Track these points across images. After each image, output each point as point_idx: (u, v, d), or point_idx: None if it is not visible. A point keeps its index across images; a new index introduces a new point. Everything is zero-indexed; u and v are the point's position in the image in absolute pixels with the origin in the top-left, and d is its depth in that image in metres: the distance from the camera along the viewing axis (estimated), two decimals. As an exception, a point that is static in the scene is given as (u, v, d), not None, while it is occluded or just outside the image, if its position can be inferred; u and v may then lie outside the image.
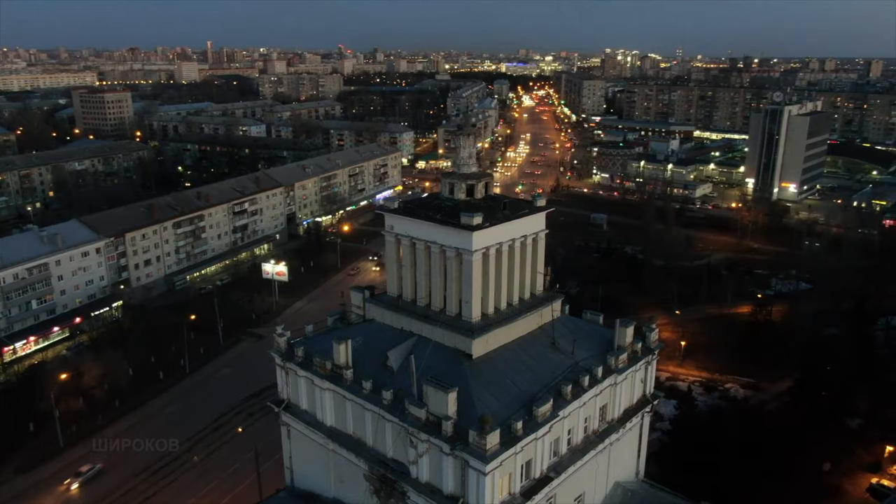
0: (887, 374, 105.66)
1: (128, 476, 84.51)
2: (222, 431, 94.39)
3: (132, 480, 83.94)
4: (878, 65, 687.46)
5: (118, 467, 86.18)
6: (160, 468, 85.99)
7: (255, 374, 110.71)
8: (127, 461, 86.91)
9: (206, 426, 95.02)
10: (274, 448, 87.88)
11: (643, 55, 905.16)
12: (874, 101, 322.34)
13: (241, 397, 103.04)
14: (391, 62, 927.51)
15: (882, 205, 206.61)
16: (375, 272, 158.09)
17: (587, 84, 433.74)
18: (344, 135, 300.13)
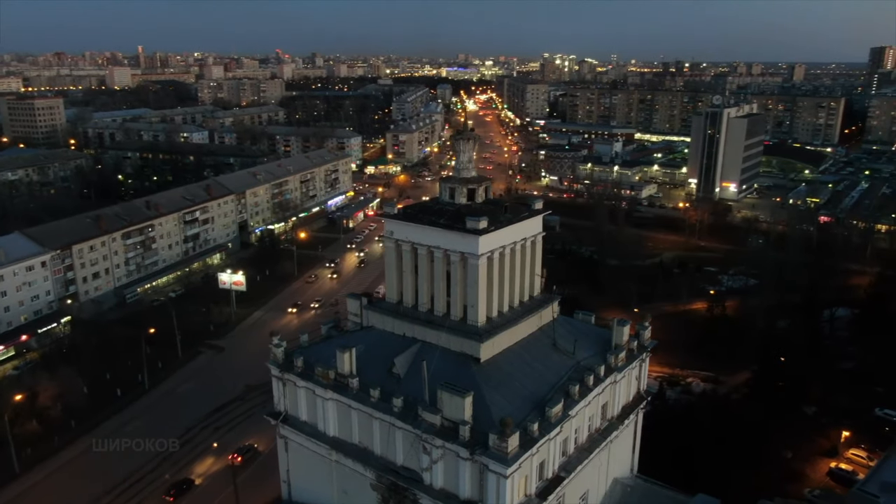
0: (836, 363, 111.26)
1: (98, 494, 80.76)
2: (190, 447, 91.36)
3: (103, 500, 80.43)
4: (800, 69, 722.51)
5: (85, 488, 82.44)
6: (129, 487, 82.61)
7: (218, 387, 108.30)
8: (94, 482, 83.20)
9: (173, 443, 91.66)
10: (248, 461, 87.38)
11: (580, 60, 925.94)
12: (802, 103, 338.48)
13: (206, 411, 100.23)
14: (331, 67, 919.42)
15: (816, 202, 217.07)
16: (333, 279, 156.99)
17: (530, 88, 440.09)
18: (290, 141, 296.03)
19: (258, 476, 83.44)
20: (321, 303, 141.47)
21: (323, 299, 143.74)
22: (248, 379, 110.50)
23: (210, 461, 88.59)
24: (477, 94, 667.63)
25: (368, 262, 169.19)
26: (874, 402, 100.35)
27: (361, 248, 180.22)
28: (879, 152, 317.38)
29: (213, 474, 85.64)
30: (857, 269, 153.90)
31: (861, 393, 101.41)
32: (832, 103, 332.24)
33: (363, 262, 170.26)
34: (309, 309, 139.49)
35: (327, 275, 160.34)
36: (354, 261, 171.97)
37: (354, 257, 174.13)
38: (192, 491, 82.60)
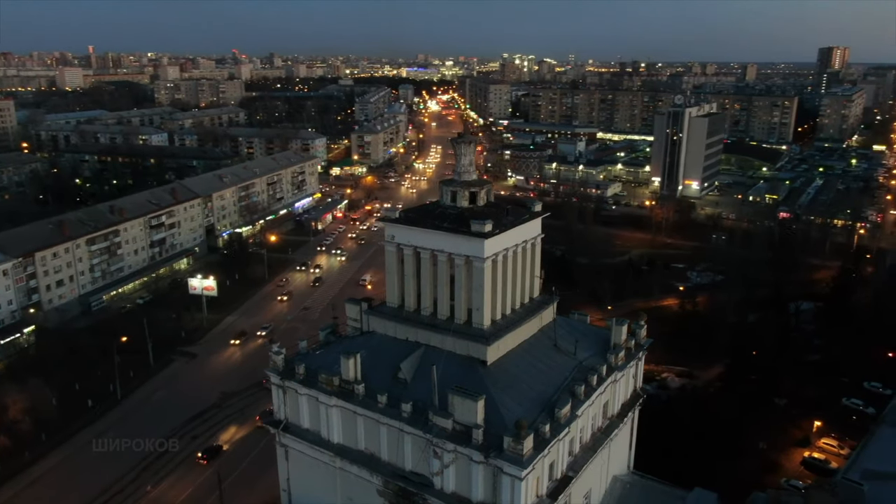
0: (802, 355, 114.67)
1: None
2: (169, 457, 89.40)
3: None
4: (752, 68, 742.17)
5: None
6: (109, 499, 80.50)
7: (193, 395, 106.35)
8: (68, 496, 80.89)
9: (150, 453, 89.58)
10: (230, 467, 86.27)
11: (540, 60, 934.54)
12: (758, 102, 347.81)
13: (181, 419, 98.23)
14: (290, 67, 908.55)
15: (775, 198, 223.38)
16: (283, 301, 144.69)
17: (493, 88, 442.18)
18: (253, 142, 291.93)
19: (245, 482, 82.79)
20: (269, 329, 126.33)
21: (272, 325, 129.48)
22: (223, 386, 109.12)
23: (189, 470, 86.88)
24: (439, 94, 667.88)
25: (324, 280, 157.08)
26: (840, 392, 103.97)
27: (333, 249, 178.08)
28: (831, 150, 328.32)
29: (197, 483, 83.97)
30: (818, 264, 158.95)
31: (828, 383, 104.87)
32: (786, 102, 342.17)
33: (318, 280, 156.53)
34: (255, 338, 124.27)
35: (299, 277, 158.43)
36: (307, 279, 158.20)
37: (311, 273, 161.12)
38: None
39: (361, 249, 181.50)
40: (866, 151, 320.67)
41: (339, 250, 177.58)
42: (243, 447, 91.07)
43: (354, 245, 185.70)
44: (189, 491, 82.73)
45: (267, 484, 74.52)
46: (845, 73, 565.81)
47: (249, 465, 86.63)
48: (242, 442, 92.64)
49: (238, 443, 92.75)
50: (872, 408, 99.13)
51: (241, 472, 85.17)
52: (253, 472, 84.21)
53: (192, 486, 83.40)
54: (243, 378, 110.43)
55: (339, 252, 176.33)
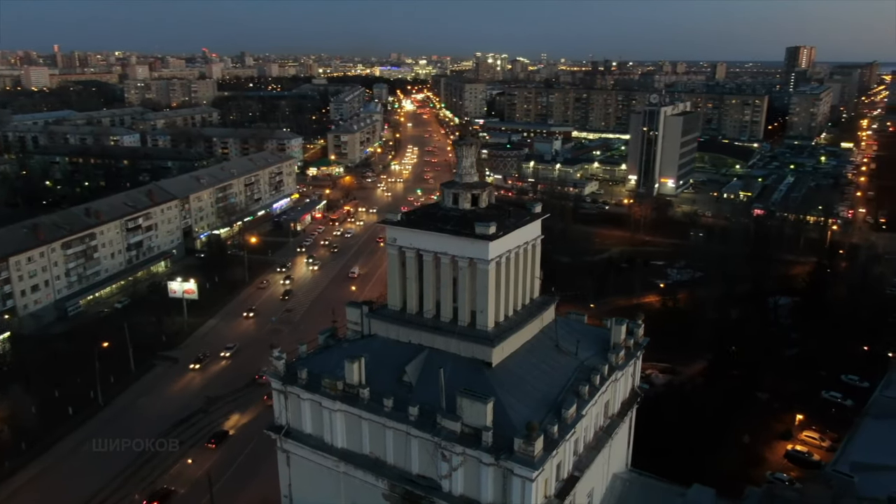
0: (782, 349, 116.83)
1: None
2: (154, 464, 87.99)
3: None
4: (722, 67, 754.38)
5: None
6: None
7: (177, 400, 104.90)
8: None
9: (135, 460, 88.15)
10: (222, 471, 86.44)
11: (513, 59, 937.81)
12: (729, 101, 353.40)
13: (166, 426, 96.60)
14: (262, 66, 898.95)
15: (749, 195, 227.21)
16: (249, 318, 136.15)
17: (468, 87, 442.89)
18: (228, 143, 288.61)
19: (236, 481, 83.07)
20: (234, 349, 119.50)
21: (237, 344, 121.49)
22: (208, 390, 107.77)
23: (179, 475, 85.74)
24: (413, 93, 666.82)
25: (295, 293, 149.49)
26: (819, 385, 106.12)
27: (308, 258, 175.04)
28: (801, 147, 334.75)
29: (189, 486, 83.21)
30: (793, 260, 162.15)
31: (807, 377, 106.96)
32: (757, 101, 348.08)
33: (288, 293, 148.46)
34: (218, 359, 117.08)
35: (279, 280, 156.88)
36: (279, 290, 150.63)
37: (279, 284, 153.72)
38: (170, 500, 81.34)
39: (335, 257, 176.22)
40: (835, 149, 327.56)
41: (313, 258, 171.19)
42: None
43: (328, 253, 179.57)
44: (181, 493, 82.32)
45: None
46: (812, 72, 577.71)
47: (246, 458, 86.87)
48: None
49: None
50: (851, 400, 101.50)
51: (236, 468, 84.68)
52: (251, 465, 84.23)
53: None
54: (228, 382, 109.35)
55: (312, 261, 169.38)
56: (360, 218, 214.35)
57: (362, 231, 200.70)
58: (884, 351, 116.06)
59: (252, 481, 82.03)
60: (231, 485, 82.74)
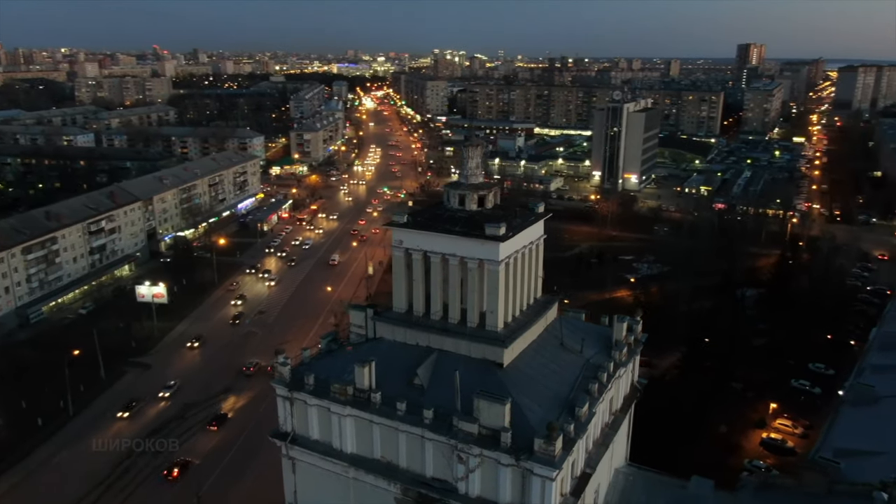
0: (751, 340, 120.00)
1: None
2: (132, 475, 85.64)
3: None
4: (676, 64, 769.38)
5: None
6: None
7: (151, 408, 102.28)
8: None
9: (112, 471, 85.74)
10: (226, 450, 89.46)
11: (471, 56, 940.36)
12: (687, 97, 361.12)
13: (143, 433, 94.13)
14: (216, 64, 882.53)
15: (709, 190, 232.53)
16: (194, 348, 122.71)
17: (430, 85, 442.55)
18: (188, 142, 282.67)
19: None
20: (175, 387, 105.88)
21: (177, 382, 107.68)
22: (182, 396, 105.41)
23: (159, 483, 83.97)
24: (373, 90, 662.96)
25: (246, 314, 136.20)
26: (788, 374, 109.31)
27: (264, 273, 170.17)
28: (756, 142, 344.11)
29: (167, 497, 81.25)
30: (756, 252, 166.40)
31: (776, 366, 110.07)
32: (713, 97, 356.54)
33: (239, 316, 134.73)
34: (156, 401, 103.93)
35: (249, 281, 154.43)
36: (229, 313, 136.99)
37: (230, 308, 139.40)
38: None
39: (292, 271, 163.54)
40: (787, 143, 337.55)
41: (268, 274, 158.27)
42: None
43: (284, 266, 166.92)
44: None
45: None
46: (763, 69, 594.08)
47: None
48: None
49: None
50: (819, 388, 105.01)
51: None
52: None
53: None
54: (204, 387, 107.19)
55: (266, 276, 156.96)
56: (319, 225, 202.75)
57: (322, 240, 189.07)
58: (846, 339, 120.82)
59: (253, 461, 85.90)
60: (236, 462, 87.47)
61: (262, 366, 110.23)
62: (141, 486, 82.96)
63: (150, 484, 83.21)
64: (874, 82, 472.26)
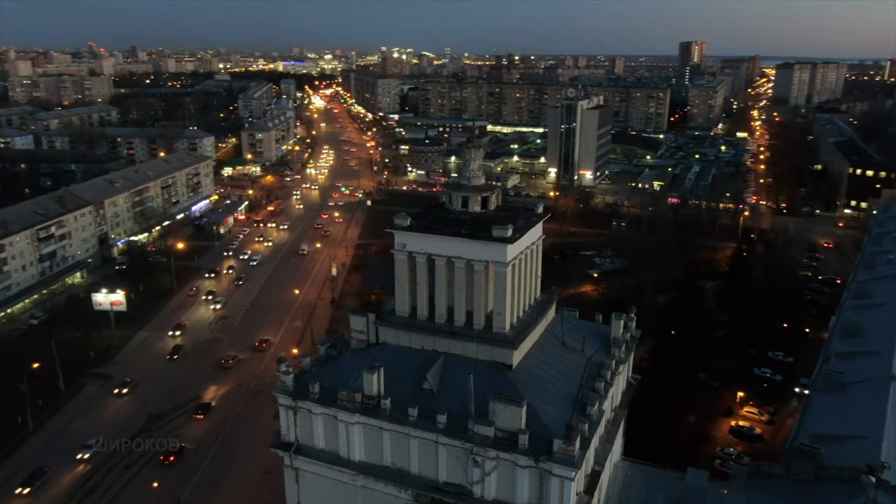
0: (713, 331, 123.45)
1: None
2: (101, 492, 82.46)
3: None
4: (620, 61, 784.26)
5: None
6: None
7: (117, 420, 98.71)
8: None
9: (79, 488, 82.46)
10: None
11: (419, 53, 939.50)
12: (635, 94, 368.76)
13: (109, 448, 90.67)
14: (157, 62, 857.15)
15: (662, 185, 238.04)
16: (123, 394, 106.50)
17: (381, 83, 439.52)
18: (134, 143, 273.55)
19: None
20: (95, 447, 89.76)
21: (101, 438, 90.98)
22: (148, 407, 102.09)
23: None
24: (321, 88, 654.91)
25: (184, 348, 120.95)
26: (751, 362, 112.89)
27: (238, 254, 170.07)
28: (702, 137, 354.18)
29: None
30: (711, 245, 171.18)
31: (738, 356, 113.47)
32: (660, 94, 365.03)
33: (177, 350, 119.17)
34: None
35: (208, 286, 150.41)
36: (168, 346, 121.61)
37: (169, 341, 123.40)
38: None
39: (239, 291, 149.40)
40: (732, 139, 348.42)
41: (213, 297, 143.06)
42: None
43: (232, 286, 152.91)
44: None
45: None
46: (705, 66, 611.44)
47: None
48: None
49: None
50: (780, 375, 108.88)
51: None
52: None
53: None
54: (170, 397, 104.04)
55: (212, 297, 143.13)
56: (269, 236, 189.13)
57: (271, 255, 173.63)
58: (802, 327, 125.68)
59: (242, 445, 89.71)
60: (227, 447, 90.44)
61: (240, 359, 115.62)
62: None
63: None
64: (809, 79, 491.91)
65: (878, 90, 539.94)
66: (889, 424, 61.73)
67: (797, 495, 49.64)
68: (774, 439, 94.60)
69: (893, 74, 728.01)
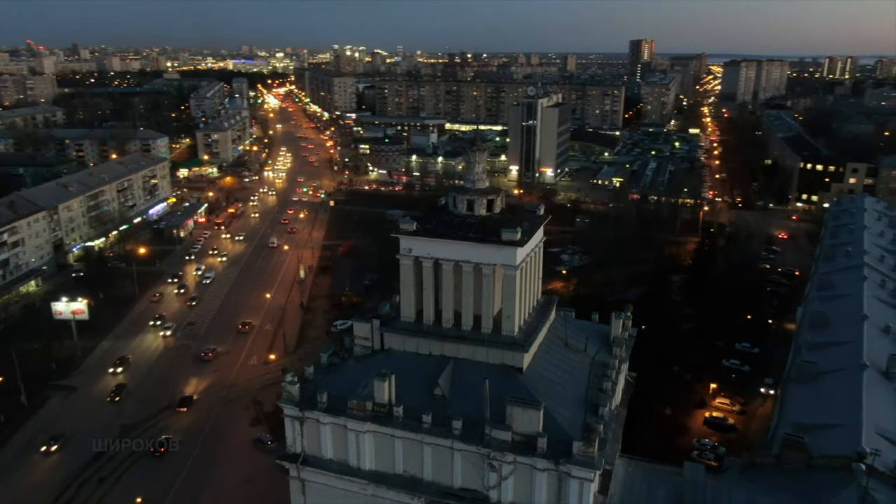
0: (680, 324, 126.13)
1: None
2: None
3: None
4: (572, 59, 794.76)
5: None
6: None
7: (88, 433, 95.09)
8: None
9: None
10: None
11: (371, 51, 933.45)
12: (591, 92, 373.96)
13: (81, 462, 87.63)
14: (101, 60, 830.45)
15: (621, 181, 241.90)
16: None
17: (337, 81, 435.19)
18: (84, 145, 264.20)
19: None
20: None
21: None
22: (119, 418, 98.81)
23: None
24: (274, 87, 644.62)
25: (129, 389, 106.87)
26: (719, 354, 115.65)
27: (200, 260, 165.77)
28: (656, 134, 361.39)
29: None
30: (673, 239, 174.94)
31: (707, 348, 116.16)
32: (615, 91, 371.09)
33: (120, 390, 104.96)
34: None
35: (172, 291, 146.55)
36: (110, 383, 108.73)
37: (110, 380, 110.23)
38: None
39: (191, 312, 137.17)
40: (684, 135, 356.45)
41: (161, 319, 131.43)
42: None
43: (183, 306, 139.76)
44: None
45: None
46: (656, 64, 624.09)
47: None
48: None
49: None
50: (748, 366, 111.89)
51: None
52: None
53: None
54: (141, 405, 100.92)
55: (161, 322, 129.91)
56: (224, 249, 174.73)
57: (225, 272, 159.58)
58: (764, 318, 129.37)
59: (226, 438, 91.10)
60: (205, 457, 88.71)
61: (219, 352, 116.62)
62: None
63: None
64: (755, 76, 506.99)
65: (819, 86, 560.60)
66: (866, 412, 64.01)
67: (790, 485, 50.96)
68: (747, 429, 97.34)
69: (831, 71, 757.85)
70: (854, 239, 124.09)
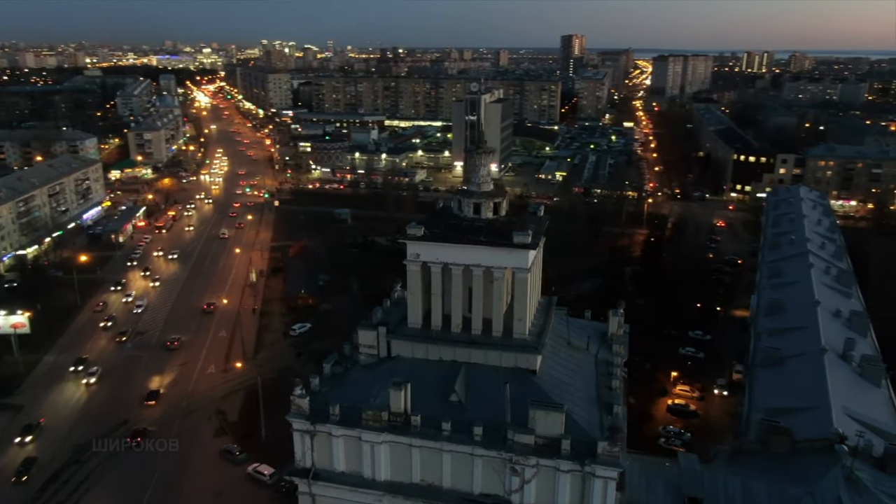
0: (638, 314, 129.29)
1: None
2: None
3: None
4: (504, 54, 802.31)
5: None
6: None
7: (38, 455, 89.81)
8: None
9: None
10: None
11: (301, 46, 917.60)
12: (529, 87, 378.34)
13: (35, 486, 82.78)
14: (12, 56, 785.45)
15: (564, 175, 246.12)
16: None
17: (272, 78, 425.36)
18: (4, 147, 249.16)
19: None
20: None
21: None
22: (72, 437, 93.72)
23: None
24: (203, 84, 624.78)
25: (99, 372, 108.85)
26: (674, 343, 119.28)
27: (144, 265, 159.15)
28: (592, 128, 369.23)
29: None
30: (619, 232, 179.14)
31: (662, 337, 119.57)
32: (552, 87, 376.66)
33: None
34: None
35: (118, 300, 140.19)
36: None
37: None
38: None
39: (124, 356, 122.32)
40: (620, 128, 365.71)
41: (84, 363, 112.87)
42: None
43: (110, 344, 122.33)
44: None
45: None
46: (587, 59, 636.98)
47: None
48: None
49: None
50: (702, 353, 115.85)
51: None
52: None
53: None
54: (96, 426, 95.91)
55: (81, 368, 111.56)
56: (158, 270, 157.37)
57: (160, 300, 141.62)
58: (713, 306, 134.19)
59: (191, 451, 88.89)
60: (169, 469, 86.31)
61: (183, 340, 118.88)
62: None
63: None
64: (682, 70, 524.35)
65: (740, 80, 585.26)
66: (832, 394, 67.21)
67: (779, 469, 53.00)
68: (707, 414, 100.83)
69: (749, 65, 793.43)
70: (795, 228, 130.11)
